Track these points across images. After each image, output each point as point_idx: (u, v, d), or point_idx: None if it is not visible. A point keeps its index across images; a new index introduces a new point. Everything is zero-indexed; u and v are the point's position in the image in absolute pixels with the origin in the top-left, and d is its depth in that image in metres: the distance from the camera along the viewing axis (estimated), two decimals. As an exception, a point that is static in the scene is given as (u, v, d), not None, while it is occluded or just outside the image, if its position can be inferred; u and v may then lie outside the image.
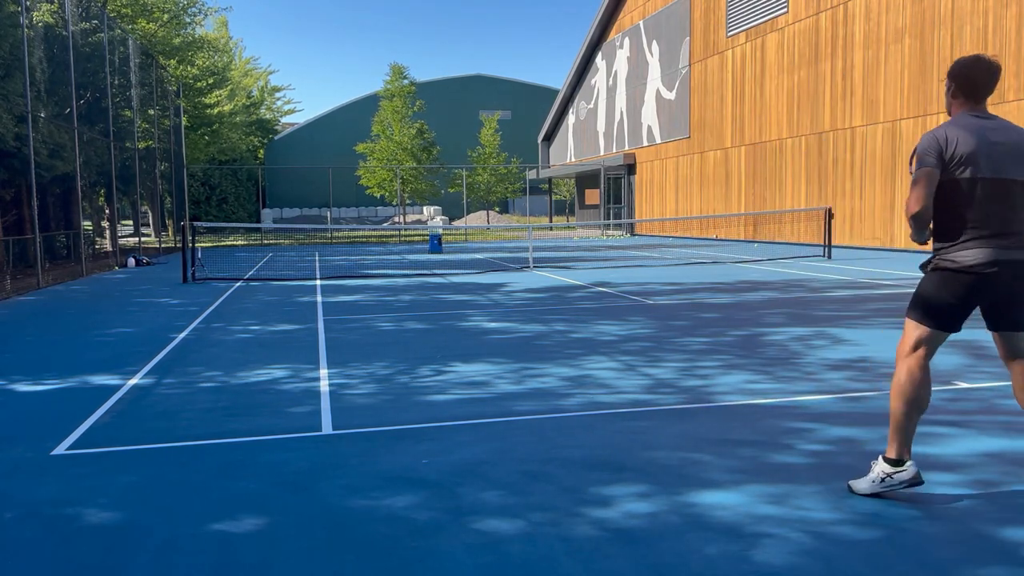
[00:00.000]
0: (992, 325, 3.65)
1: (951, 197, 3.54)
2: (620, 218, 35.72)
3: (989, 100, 3.72)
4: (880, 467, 3.64)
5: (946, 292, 3.55)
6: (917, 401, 3.57)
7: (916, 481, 3.59)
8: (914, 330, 3.65)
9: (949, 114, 3.75)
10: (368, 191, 42.19)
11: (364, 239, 36.02)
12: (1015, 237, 3.52)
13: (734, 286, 13.03)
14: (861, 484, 3.70)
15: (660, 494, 3.74)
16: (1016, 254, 3.50)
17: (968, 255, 3.49)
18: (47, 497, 3.88)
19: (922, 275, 3.71)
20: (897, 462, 3.59)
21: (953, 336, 3.71)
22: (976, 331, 7.99)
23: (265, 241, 35.83)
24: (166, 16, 29.48)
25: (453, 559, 3.10)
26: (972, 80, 3.61)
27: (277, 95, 59.09)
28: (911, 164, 3.63)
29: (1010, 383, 5.80)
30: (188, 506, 3.72)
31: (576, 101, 41.51)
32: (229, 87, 40.58)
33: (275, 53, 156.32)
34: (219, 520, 3.54)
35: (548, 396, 5.71)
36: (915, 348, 3.62)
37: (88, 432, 5.01)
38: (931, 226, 3.63)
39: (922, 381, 3.57)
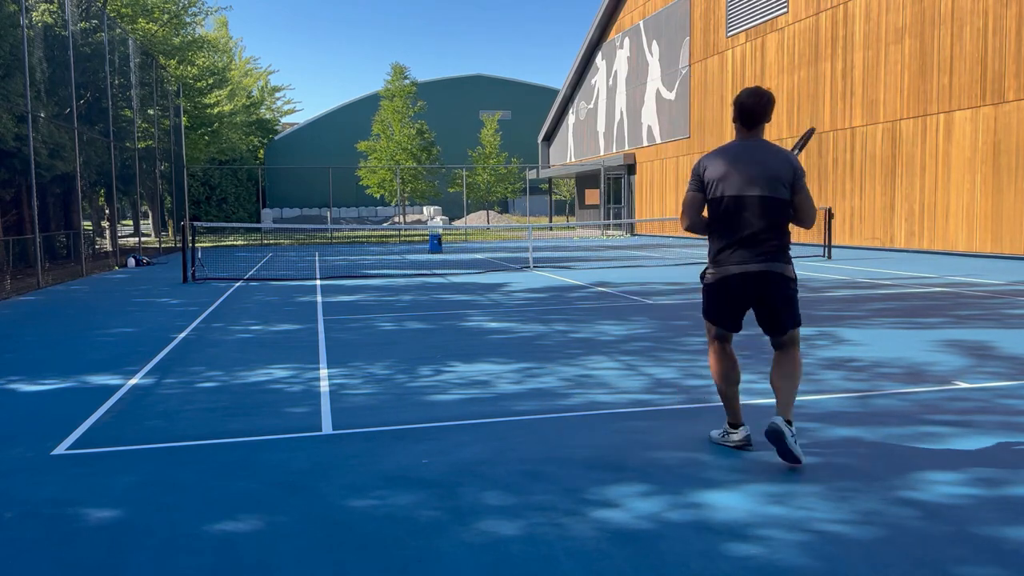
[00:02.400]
0: (759, 323, 4.25)
1: (711, 214, 4.19)
2: (620, 218, 35.72)
3: (989, 100, 3.89)
4: (725, 427, 4.46)
5: (711, 298, 4.26)
6: (729, 376, 4.33)
7: (745, 444, 4.33)
8: (708, 326, 4.37)
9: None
10: (368, 191, 42.21)
11: (364, 239, 36.02)
12: (757, 249, 4.05)
13: (734, 286, 13.02)
14: (715, 432, 4.53)
15: (660, 494, 3.74)
16: (756, 266, 4.05)
17: (719, 269, 4.18)
18: (47, 497, 3.88)
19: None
20: (734, 425, 4.39)
21: (953, 336, 3.78)
22: (977, 331, 8.01)
23: (265, 241, 35.83)
24: (166, 16, 29.48)
25: (453, 559, 3.10)
26: (745, 110, 4.12)
27: (277, 95, 59.11)
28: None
29: (1011, 383, 5.81)
30: (188, 506, 3.72)
31: (576, 101, 41.51)
32: (229, 87, 40.57)
33: (275, 53, 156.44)
34: (219, 520, 3.54)
35: (548, 396, 5.71)
36: (713, 339, 4.35)
37: (88, 432, 5.01)
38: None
39: (727, 360, 4.34)
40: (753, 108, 4.09)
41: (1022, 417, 4.94)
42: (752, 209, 4.03)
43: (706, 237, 4.28)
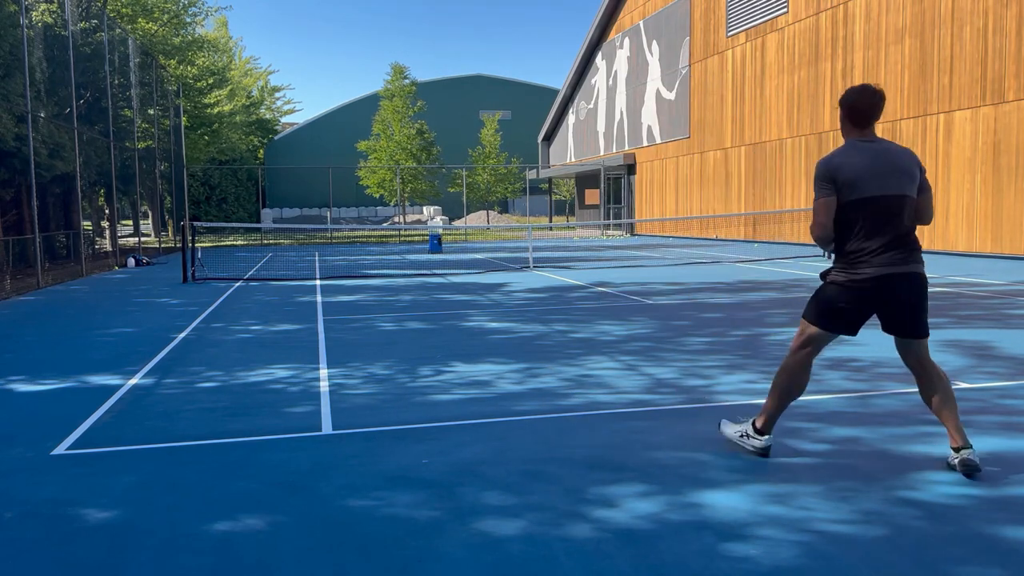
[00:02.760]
0: (891, 332, 4.05)
1: (846, 217, 3.94)
2: (620, 218, 35.72)
3: (989, 101, 3.86)
4: (747, 426, 4.30)
5: (839, 301, 3.98)
6: (798, 387, 4.16)
7: (765, 453, 4.22)
8: (806, 328, 4.10)
9: (843, 137, 4.11)
10: (368, 191, 42.20)
11: (364, 239, 36.02)
12: (902, 250, 3.88)
13: (734, 286, 13.03)
14: (729, 429, 4.41)
15: (661, 494, 3.74)
16: (904, 268, 3.87)
17: (860, 271, 3.92)
18: (47, 497, 3.88)
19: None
20: (762, 431, 4.22)
21: (953, 336, 3.78)
22: (977, 331, 8.00)
23: (265, 241, 35.83)
24: (166, 16, 29.48)
25: (453, 559, 3.10)
26: (858, 109, 3.98)
27: (277, 95, 59.14)
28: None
29: (1011, 383, 5.81)
30: (188, 506, 3.72)
31: (576, 101, 41.51)
32: (229, 87, 40.57)
33: (275, 53, 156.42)
34: (219, 520, 3.54)
35: (548, 396, 5.71)
36: (806, 344, 4.11)
37: (88, 432, 5.01)
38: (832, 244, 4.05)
39: (804, 371, 4.14)
40: (868, 108, 3.96)
41: (1022, 417, 4.94)
42: (896, 209, 3.87)
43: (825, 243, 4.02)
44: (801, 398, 5.51)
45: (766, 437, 4.21)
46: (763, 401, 5.45)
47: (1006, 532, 3.25)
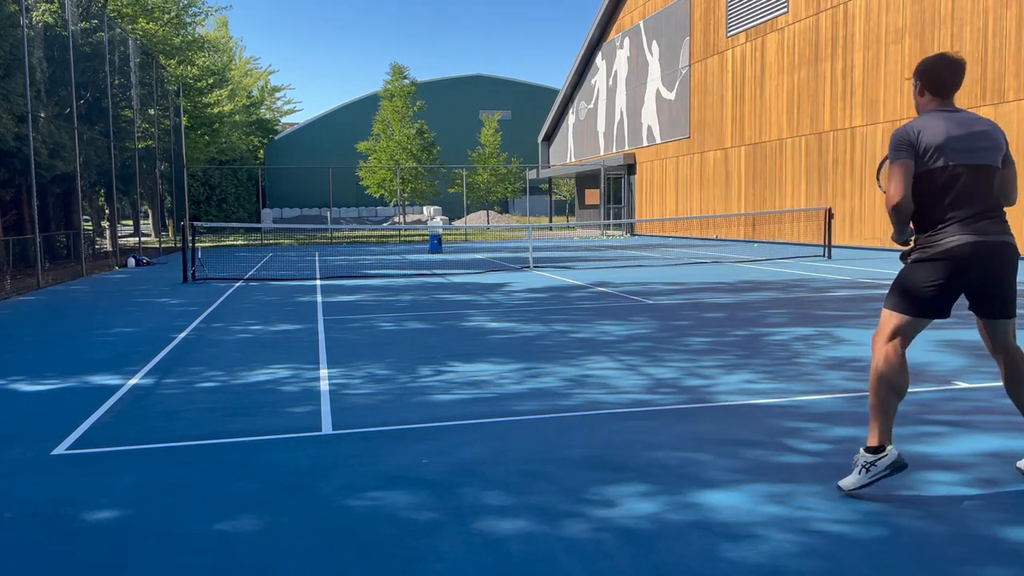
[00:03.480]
0: (979, 312, 3.73)
1: (928, 187, 3.61)
2: (620, 218, 35.72)
3: (989, 100, 3.78)
4: (862, 457, 3.64)
5: (928, 278, 3.59)
6: (897, 387, 3.61)
7: (900, 464, 3.57)
8: (891, 319, 3.68)
9: (918, 112, 3.82)
10: (368, 191, 42.19)
11: (364, 239, 36.02)
12: (992, 220, 3.57)
13: (734, 286, 13.03)
14: (849, 480, 3.68)
15: (661, 494, 3.74)
16: (995, 237, 3.55)
17: (948, 240, 3.56)
18: (47, 497, 3.88)
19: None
20: (878, 448, 3.60)
21: (953, 336, 3.75)
22: (976, 331, 7.99)
23: (265, 241, 35.83)
24: (167, 16, 29.48)
25: (453, 559, 3.10)
26: (938, 77, 3.70)
27: (277, 95, 59.12)
28: (880, 168, 3.73)
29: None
30: (188, 506, 3.72)
31: (576, 101, 41.51)
32: (229, 87, 40.57)
33: (275, 53, 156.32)
34: (219, 520, 3.54)
35: (548, 396, 5.71)
36: (892, 336, 3.66)
37: (88, 432, 5.01)
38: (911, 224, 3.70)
39: (900, 367, 3.62)
40: (950, 76, 3.69)
41: (1021, 417, 4.93)
42: (985, 179, 3.60)
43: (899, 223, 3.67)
44: (801, 398, 5.52)
45: (888, 449, 3.61)
46: (763, 400, 5.46)
47: (1006, 532, 3.25)
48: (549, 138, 45.58)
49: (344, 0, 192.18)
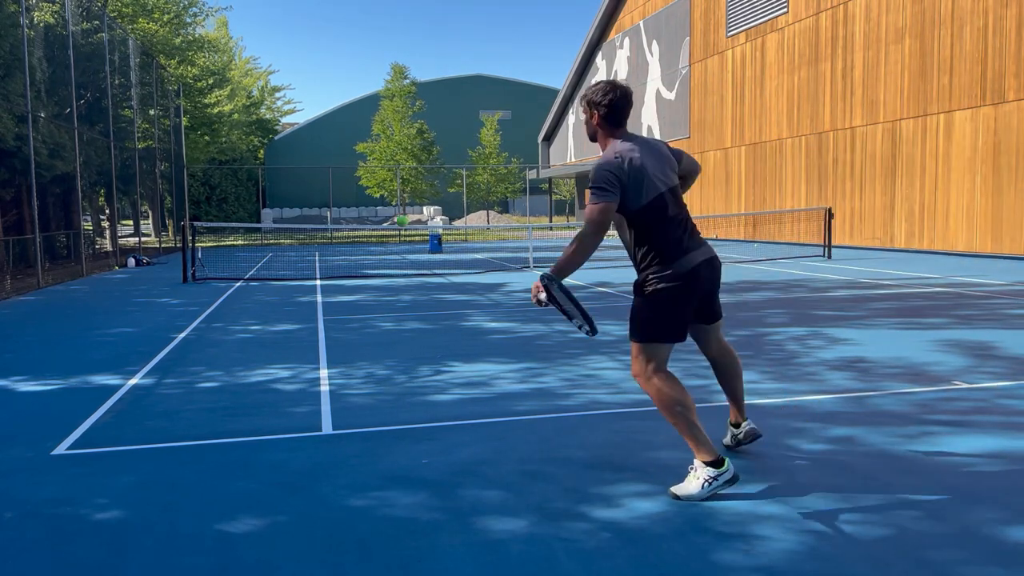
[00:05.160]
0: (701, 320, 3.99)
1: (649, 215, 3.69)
2: (620, 218, 35.65)
3: (989, 101, 3.80)
4: (700, 471, 3.63)
5: (674, 304, 3.69)
6: (686, 402, 3.70)
7: (736, 479, 3.65)
8: (647, 350, 3.74)
9: (593, 140, 3.89)
10: (368, 191, 42.19)
11: (364, 239, 36.02)
12: (697, 236, 3.78)
13: (734, 286, 13.03)
14: (687, 490, 3.65)
15: (661, 494, 3.74)
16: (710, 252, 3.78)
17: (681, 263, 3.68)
18: (47, 497, 3.88)
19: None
20: (717, 462, 3.62)
21: (953, 336, 3.76)
22: (977, 331, 8.00)
23: (265, 241, 35.83)
24: (167, 16, 29.48)
25: (453, 559, 3.10)
26: (616, 107, 3.74)
27: (277, 95, 59.09)
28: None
29: (1011, 383, 5.81)
30: (188, 506, 3.72)
31: (576, 101, 41.50)
32: (229, 87, 40.56)
33: (275, 53, 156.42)
34: (219, 520, 3.54)
35: (548, 396, 5.71)
36: (658, 368, 3.74)
37: (88, 432, 5.01)
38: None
39: (677, 386, 3.74)
40: (626, 105, 3.78)
41: (1022, 417, 4.94)
42: (678, 199, 3.78)
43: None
44: (801, 398, 5.52)
45: (726, 460, 3.67)
46: (763, 400, 5.46)
47: (1006, 532, 3.25)
48: (549, 138, 45.58)
49: (344, 0, 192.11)
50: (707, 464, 3.61)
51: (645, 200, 3.64)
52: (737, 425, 4.31)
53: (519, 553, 3.14)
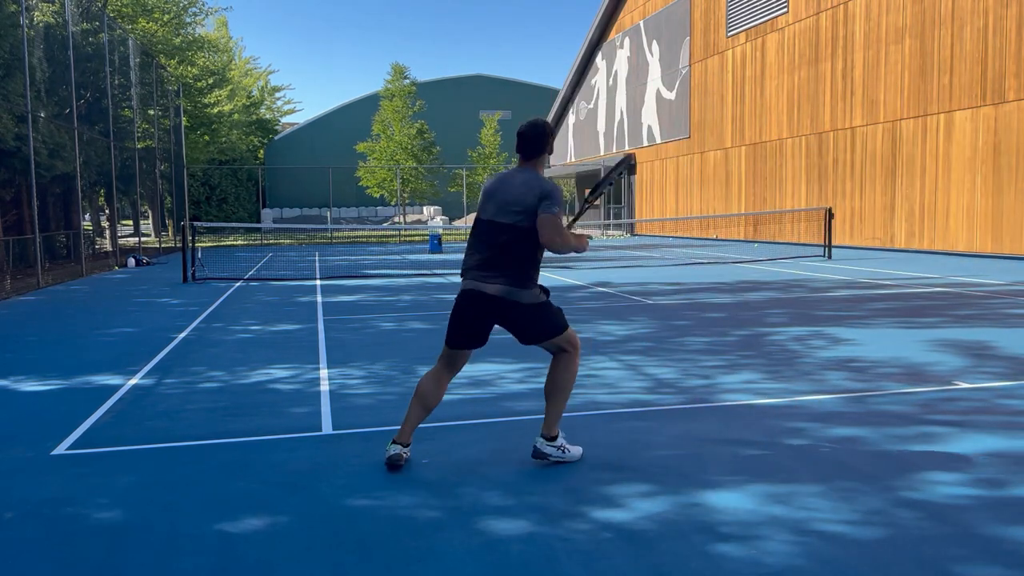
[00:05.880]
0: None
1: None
2: (620, 218, 35.72)
3: (989, 100, 3.81)
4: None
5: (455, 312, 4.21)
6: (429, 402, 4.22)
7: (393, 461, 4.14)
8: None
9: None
10: (368, 191, 42.17)
11: (364, 239, 36.02)
12: (486, 270, 4.07)
13: (735, 286, 13.03)
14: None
15: (661, 494, 3.74)
16: (476, 285, 4.08)
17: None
18: (47, 497, 3.88)
19: None
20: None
21: (953, 336, 3.75)
22: (977, 331, 8.00)
23: (265, 241, 35.83)
24: (167, 16, 29.48)
25: (453, 559, 3.10)
26: (518, 138, 4.17)
27: (277, 95, 59.09)
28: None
29: (1011, 383, 5.81)
30: (188, 506, 3.72)
31: (576, 101, 41.52)
32: (229, 87, 40.56)
33: (275, 53, 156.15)
34: (219, 520, 3.54)
35: (548, 396, 5.70)
36: (438, 361, 4.27)
37: (88, 432, 5.01)
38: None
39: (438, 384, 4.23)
40: (520, 141, 4.19)
41: (1022, 417, 4.94)
42: (487, 232, 4.12)
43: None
44: (802, 398, 5.52)
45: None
46: (764, 400, 5.46)
47: (1006, 532, 3.25)
48: (549, 138, 45.49)
49: (344, 0, 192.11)
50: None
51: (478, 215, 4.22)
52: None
53: (519, 553, 3.14)
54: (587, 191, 4.20)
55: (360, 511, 3.62)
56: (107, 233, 27.47)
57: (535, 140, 4.14)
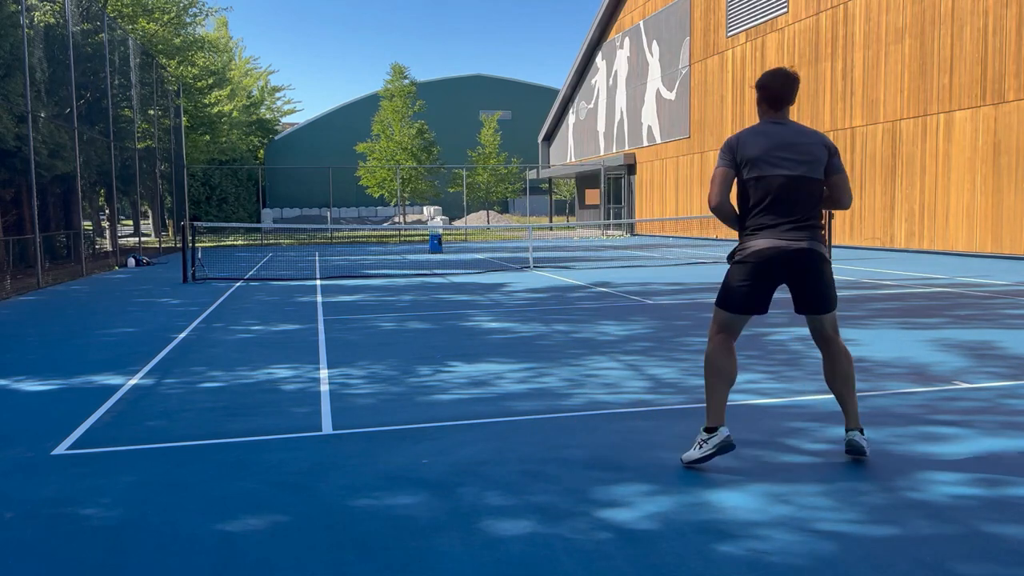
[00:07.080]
0: (797, 308, 4.16)
1: (743, 194, 4.11)
2: (620, 218, 35.71)
3: (989, 100, 3.87)
4: (699, 436, 4.08)
5: (740, 278, 4.04)
6: (723, 373, 4.06)
7: (726, 444, 3.98)
8: (717, 314, 4.15)
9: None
10: (368, 191, 42.19)
11: (364, 239, 36.02)
12: (796, 227, 3.95)
13: (734, 286, 13.01)
14: (688, 454, 4.12)
15: (661, 494, 3.74)
16: (795, 243, 3.94)
17: (753, 243, 4.01)
18: (47, 497, 3.87)
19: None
20: (712, 429, 4.03)
21: (954, 336, 3.77)
22: (978, 331, 8.00)
23: (265, 241, 35.82)
24: (167, 16, 29.48)
25: (453, 559, 3.10)
26: (772, 90, 4.19)
27: (277, 95, 59.06)
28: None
29: (1012, 383, 5.81)
30: (188, 506, 3.71)
31: (576, 101, 41.50)
32: (229, 87, 40.56)
33: (275, 53, 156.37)
34: (219, 520, 3.54)
35: (549, 396, 5.71)
36: (719, 330, 4.13)
37: (88, 432, 5.01)
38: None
39: (728, 356, 4.09)
40: (780, 89, 4.17)
41: (1022, 417, 4.93)
42: (791, 189, 4.00)
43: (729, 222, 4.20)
44: (802, 398, 5.52)
45: (720, 430, 4.01)
46: (764, 400, 5.45)
47: (1006, 532, 3.25)
48: (549, 138, 45.58)
49: (344, 0, 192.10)
50: (704, 430, 4.06)
51: (747, 175, 4.07)
52: (846, 430, 4.23)
53: (519, 553, 3.14)
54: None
55: (360, 511, 3.62)
56: (107, 233, 27.46)
57: (794, 85, 4.17)
